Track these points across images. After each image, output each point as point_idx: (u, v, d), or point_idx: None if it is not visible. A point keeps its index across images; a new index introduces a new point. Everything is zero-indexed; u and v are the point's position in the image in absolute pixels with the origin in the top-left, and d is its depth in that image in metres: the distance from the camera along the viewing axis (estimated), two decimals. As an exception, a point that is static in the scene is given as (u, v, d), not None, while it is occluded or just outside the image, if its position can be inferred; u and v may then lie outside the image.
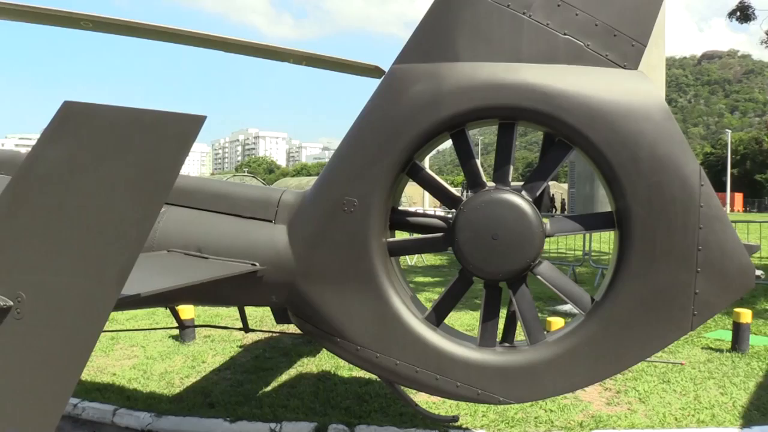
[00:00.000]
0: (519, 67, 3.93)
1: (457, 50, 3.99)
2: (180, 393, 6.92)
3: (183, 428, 5.97)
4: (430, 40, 4.06)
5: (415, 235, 4.53)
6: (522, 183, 4.16)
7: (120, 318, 10.17)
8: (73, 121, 2.85)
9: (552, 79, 3.88)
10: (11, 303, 2.83)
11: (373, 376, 6.14)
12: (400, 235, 4.72)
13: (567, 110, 3.84)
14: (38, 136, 3.03)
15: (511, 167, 4.16)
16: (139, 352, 8.47)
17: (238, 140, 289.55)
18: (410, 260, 18.80)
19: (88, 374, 7.41)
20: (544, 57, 3.94)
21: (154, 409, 6.35)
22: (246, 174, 57.68)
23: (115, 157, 2.79)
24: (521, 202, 3.99)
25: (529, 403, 6.27)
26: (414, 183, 4.39)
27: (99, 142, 2.82)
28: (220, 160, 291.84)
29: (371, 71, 6.91)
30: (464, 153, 4.17)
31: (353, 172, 4.11)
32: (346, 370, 7.47)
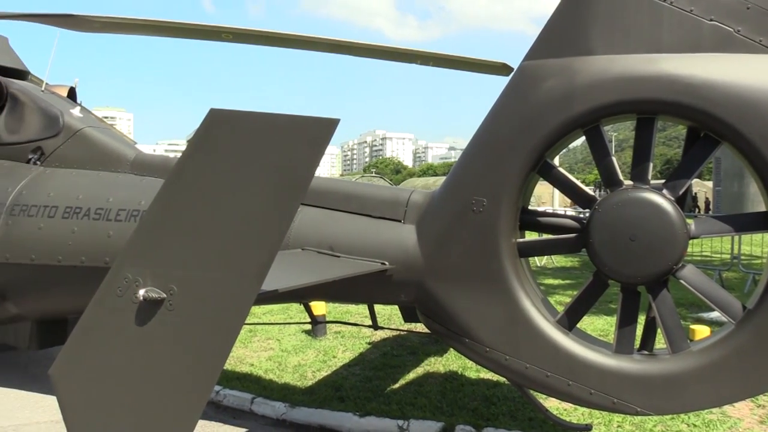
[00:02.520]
0: (659, 57, 3.72)
1: (591, 43, 3.84)
2: (312, 386, 7.19)
3: (314, 420, 6.19)
4: (561, 35, 3.94)
5: (546, 236, 4.41)
6: (659, 181, 3.94)
7: (257, 312, 10.74)
8: (218, 127, 3.05)
9: (697, 69, 3.63)
10: (164, 295, 3.08)
11: (502, 379, 6.04)
12: (530, 236, 4.61)
13: (714, 102, 3.58)
14: (184, 141, 3.27)
15: (651, 164, 3.95)
16: (275, 345, 8.90)
17: (365, 142, 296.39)
18: (539, 261, 18.31)
19: (228, 364, 7.88)
20: (688, 46, 3.70)
21: (288, 399, 6.64)
22: (374, 175, 58.94)
23: (255, 160, 2.96)
24: (663, 201, 3.77)
25: (670, 415, 5.89)
26: (543, 182, 4.28)
27: (241, 146, 2.99)
28: (348, 162, 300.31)
29: (499, 69, 6.81)
30: (599, 150, 4.00)
31: (482, 171, 4.07)
32: (473, 371, 7.41)
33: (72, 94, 7.49)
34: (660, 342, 4.08)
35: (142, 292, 3.08)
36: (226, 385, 7.03)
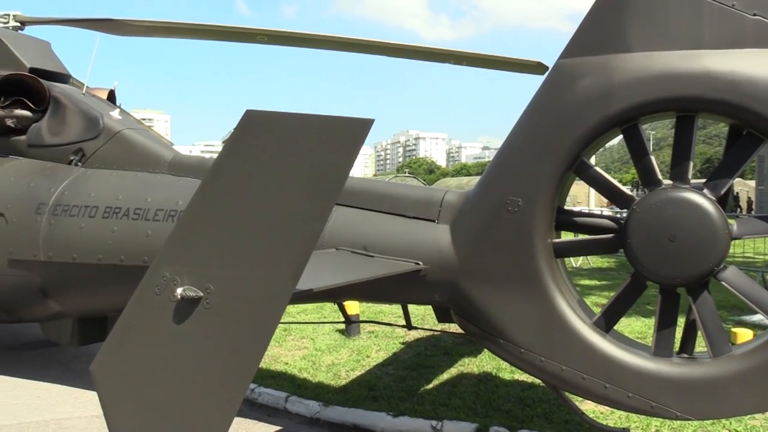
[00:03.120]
0: (700, 54, 3.64)
1: (629, 40, 3.78)
2: (346, 385, 7.22)
3: (348, 419, 6.21)
4: (598, 32, 3.89)
5: (582, 236, 4.35)
6: (700, 181, 3.86)
7: (291, 311, 10.82)
8: (254, 128, 3.08)
9: (739, 65, 3.55)
10: (201, 294, 3.12)
11: (537, 380, 5.97)
12: (566, 236, 4.56)
13: (758, 99, 3.50)
14: (220, 142, 3.32)
15: (691, 163, 3.87)
16: (309, 344, 8.95)
17: (399, 142, 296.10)
18: (575, 262, 18.07)
19: (263, 362, 7.94)
20: (730, 42, 3.62)
21: (322, 398, 6.67)
22: (407, 175, 58.95)
23: (291, 161, 2.98)
24: (704, 201, 3.69)
25: (710, 421, 5.75)
26: (578, 181, 4.22)
27: (276, 147, 3.02)
28: (382, 162, 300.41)
29: (534, 68, 6.74)
30: (637, 149, 3.94)
31: (517, 171, 4.04)
32: (508, 372, 7.35)
33: (111, 96, 7.66)
34: (700, 345, 3.98)
35: (179, 290, 3.13)
36: (261, 383, 7.10)
